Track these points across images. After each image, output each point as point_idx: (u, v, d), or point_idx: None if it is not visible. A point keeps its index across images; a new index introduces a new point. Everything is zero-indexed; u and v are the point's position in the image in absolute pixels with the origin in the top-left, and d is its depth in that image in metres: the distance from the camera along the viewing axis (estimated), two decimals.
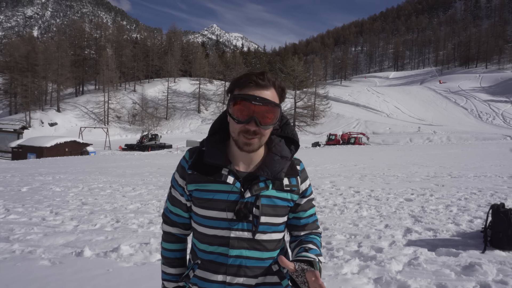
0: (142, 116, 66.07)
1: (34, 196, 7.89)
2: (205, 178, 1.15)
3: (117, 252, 3.98)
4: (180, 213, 1.26)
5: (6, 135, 37.11)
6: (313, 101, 63.00)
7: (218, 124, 1.22)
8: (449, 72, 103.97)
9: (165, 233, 1.31)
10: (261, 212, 1.12)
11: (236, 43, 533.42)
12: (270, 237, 1.16)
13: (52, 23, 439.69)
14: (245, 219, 1.11)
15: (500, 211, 4.00)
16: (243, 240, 1.12)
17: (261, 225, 1.13)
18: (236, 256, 1.12)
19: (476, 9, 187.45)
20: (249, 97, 1.06)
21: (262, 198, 1.13)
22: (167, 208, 1.30)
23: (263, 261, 1.16)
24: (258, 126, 1.07)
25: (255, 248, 1.14)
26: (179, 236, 1.31)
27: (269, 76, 1.09)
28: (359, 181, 9.67)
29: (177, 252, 1.31)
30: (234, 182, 1.12)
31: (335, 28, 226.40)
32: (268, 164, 1.14)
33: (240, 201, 1.11)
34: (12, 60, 64.09)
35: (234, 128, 1.10)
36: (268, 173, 1.13)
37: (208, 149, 1.17)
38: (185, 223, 1.28)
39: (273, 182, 1.15)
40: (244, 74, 1.11)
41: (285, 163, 1.16)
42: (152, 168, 14.54)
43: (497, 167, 12.17)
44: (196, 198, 1.17)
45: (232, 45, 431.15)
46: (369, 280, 3.16)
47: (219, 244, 1.13)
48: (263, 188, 1.13)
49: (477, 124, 49.90)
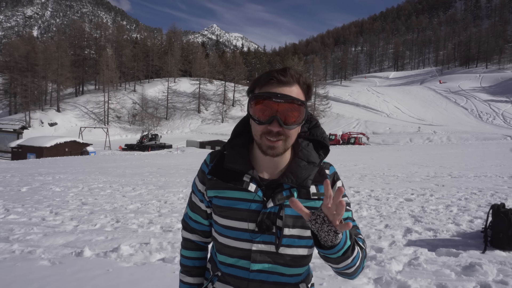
0: (142, 116, 66.10)
1: (34, 196, 7.88)
2: (225, 185, 1.07)
3: (117, 252, 3.97)
4: (199, 220, 1.19)
5: (6, 135, 37.12)
6: (313, 101, 63.00)
7: (242, 127, 1.13)
8: (449, 72, 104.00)
9: (184, 239, 1.25)
10: (285, 224, 1.02)
11: (236, 43, 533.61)
12: (296, 252, 1.05)
13: (52, 23, 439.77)
14: (267, 231, 1.02)
15: (500, 211, 4.00)
16: (266, 254, 1.03)
17: (285, 237, 1.02)
18: (258, 270, 1.03)
19: (476, 9, 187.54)
20: (270, 94, 0.97)
21: (286, 208, 1.02)
22: (186, 214, 1.23)
23: (288, 278, 1.06)
24: (282, 127, 0.97)
25: (279, 263, 1.04)
26: (199, 244, 1.23)
27: (292, 72, 1.00)
28: (359, 181, 9.67)
29: (196, 260, 1.23)
30: (256, 190, 1.03)
31: (335, 28, 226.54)
32: (293, 170, 1.04)
33: (262, 212, 1.02)
34: (12, 60, 64.11)
35: (256, 130, 1.01)
36: (292, 180, 1.02)
37: (229, 153, 1.08)
38: (205, 230, 1.21)
39: (299, 190, 1.04)
40: (265, 72, 1.02)
41: (312, 169, 1.05)
42: (152, 168, 14.54)
43: (497, 167, 12.17)
44: (216, 206, 1.09)
45: (232, 45, 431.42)
46: (369, 280, 3.16)
47: (240, 256, 1.05)
48: (287, 197, 1.02)
49: (477, 124, 49.91)
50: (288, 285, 1.06)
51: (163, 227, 5.22)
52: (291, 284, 1.07)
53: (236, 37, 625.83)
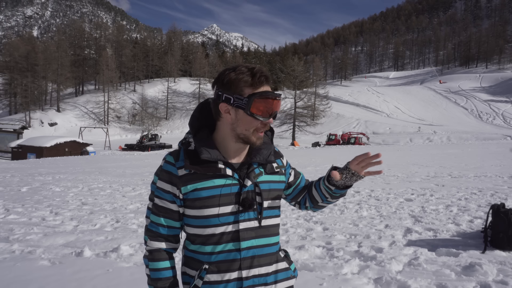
0: (142, 116, 66.09)
1: (34, 196, 7.88)
2: (203, 176, 1.11)
3: (117, 252, 3.97)
4: (171, 224, 1.17)
5: (6, 135, 37.13)
6: (313, 101, 62.94)
7: (197, 122, 1.20)
8: (449, 72, 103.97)
9: (153, 251, 1.16)
10: (263, 198, 1.16)
11: (236, 43, 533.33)
12: (273, 221, 1.20)
13: (52, 23, 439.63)
14: (250, 208, 1.13)
15: (500, 211, 3.99)
16: (252, 230, 1.14)
17: (265, 210, 1.16)
18: (247, 247, 1.12)
19: (476, 9, 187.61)
20: (273, 95, 1.11)
21: (261, 184, 1.16)
22: (152, 223, 1.17)
23: (271, 247, 1.18)
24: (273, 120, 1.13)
25: (263, 235, 1.16)
26: (170, 252, 1.20)
27: (265, 71, 1.13)
28: (359, 181, 9.65)
29: (172, 270, 1.18)
30: (232, 174, 1.13)
31: (335, 28, 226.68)
32: (257, 151, 1.19)
33: (243, 191, 1.12)
34: (12, 60, 64.15)
35: (251, 125, 1.11)
36: (260, 159, 1.18)
37: (201, 147, 1.13)
38: (176, 234, 1.20)
39: (265, 167, 1.20)
40: (250, 71, 1.11)
41: (270, 147, 1.23)
42: (152, 168, 14.53)
43: (497, 167, 12.16)
44: (194, 200, 1.11)
45: (232, 45, 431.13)
46: (369, 280, 3.15)
47: (228, 240, 1.11)
48: (259, 174, 1.17)
49: (477, 124, 49.88)
50: (272, 255, 1.19)
51: None
52: (273, 253, 1.20)
53: (236, 37, 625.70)
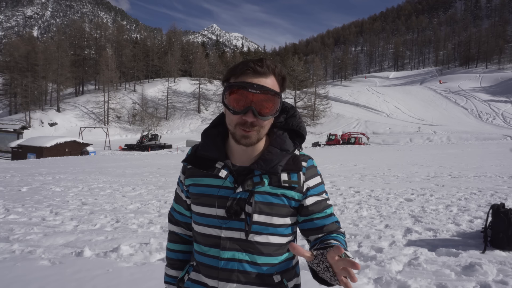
0: (142, 116, 66.09)
1: (34, 196, 7.88)
2: (200, 172, 1.09)
3: (117, 252, 3.97)
4: (182, 211, 1.22)
5: (6, 135, 37.10)
6: (313, 101, 63.03)
7: (220, 118, 1.14)
8: (449, 72, 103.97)
9: (170, 232, 1.28)
10: (254, 210, 1.01)
11: (236, 43, 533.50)
12: (267, 239, 1.03)
13: (52, 23, 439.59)
14: (235, 217, 1.01)
15: (500, 211, 4.00)
16: (235, 241, 1.02)
17: (255, 224, 1.01)
18: (227, 258, 1.02)
19: (476, 9, 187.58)
20: (246, 84, 0.96)
21: (256, 195, 1.01)
22: (172, 206, 1.28)
23: (259, 267, 1.03)
24: (256, 117, 0.96)
25: (250, 251, 1.03)
26: (183, 237, 1.25)
27: (268, 63, 0.99)
28: (359, 181, 9.66)
29: (179, 253, 1.25)
30: (226, 176, 1.03)
31: (335, 28, 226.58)
32: (265, 157, 1.03)
33: (231, 197, 1.01)
34: (12, 60, 64.10)
35: (231, 120, 1.01)
36: (262, 166, 1.01)
37: (203, 142, 1.10)
38: (188, 222, 1.22)
39: (270, 177, 1.03)
40: (241, 61, 1.01)
41: (284, 156, 1.04)
42: (152, 168, 14.53)
43: (497, 167, 12.16)
44: (192, 194, 1.12)
45: (232, 45, 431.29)
46: (369, 280, 3.15)
47: (211, 245, 1.05)
48: (258, 183, 1.01)
49: (477, 124, 49.89)
50: (260, 276, 1.03)
51: (163, 227, 5.22)
52: (263, 274, 1.04)
53: (236, 37, 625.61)
